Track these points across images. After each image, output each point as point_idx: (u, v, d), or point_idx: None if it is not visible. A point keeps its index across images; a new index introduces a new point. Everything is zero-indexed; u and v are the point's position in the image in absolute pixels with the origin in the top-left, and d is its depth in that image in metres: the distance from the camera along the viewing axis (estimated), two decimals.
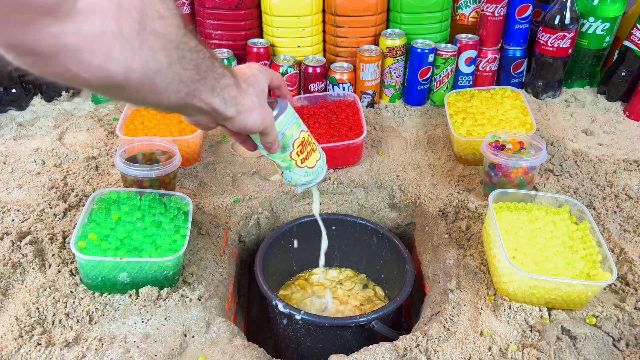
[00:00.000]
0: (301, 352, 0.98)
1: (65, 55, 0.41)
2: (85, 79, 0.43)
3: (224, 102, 0.59)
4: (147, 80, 0.47)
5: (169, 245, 0.85)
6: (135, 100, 0.52)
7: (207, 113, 0.59)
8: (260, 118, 0.64)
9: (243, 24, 1.35)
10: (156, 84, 0.49)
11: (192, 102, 0.55)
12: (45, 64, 0.42)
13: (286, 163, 0.76)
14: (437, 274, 0.97)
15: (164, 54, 0.47)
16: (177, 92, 0.52)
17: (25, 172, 1.12)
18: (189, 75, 0.52)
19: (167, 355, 0.77)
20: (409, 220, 1.18)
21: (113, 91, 0.48)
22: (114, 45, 0.43)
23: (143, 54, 0.45)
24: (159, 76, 0.48)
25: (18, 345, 0.75)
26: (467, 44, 1.34)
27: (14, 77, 1.31)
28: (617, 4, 1.30)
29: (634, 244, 0.96)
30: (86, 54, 0.41)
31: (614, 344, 0.79)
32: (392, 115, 1.37)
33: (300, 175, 0.78)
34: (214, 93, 0.57)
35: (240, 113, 0.62)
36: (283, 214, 1.17)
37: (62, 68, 0.42)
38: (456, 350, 0.78)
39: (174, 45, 0.48)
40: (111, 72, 0.44)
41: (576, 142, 1.24)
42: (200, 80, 0.54)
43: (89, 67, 0.42)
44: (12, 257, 0.88)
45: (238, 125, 0.63)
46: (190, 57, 0.51)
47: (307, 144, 0.77)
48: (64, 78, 0.44)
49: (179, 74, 0.50)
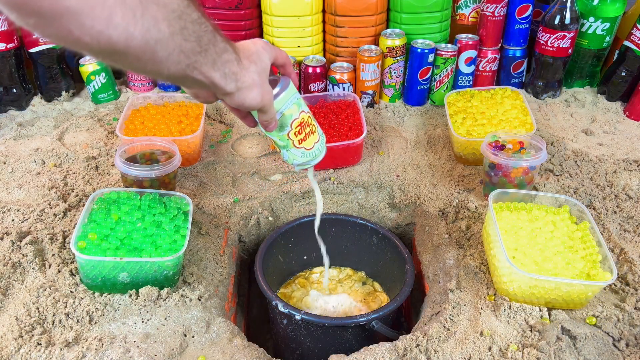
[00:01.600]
0: (301, 352, 0.98)
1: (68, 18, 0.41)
2: (87, 43, 0.44)
3: (224, 77, 0.59)
4: (148, 49, 0.48)
5: (169, 245, 0.85)
6: (135, 68, 0.52)
7: (206, 86, 0.59)
8: (259, 96, 0.64)
9: (243, 24, 1.35)
10: (157, 53, 0.49)
11: (192, 74, 0.55)
12: (48, 25, 0.42)
13: (283, 142, 0.76)
14: (437, 274, 0.97)
15: (166, 23, 0.48)
16: (178, 62, 0.52)
17: (25, 172, 1.12)
18: (190, 47, 0.52)
19: (167, 355, 0.77)
20: (409, 220, 1.18)
21: (114, 57, 0.48)
22: (116, 11, 0.43)
23: (145, 22, 0.46)
24: (159, 45, 0.48)
25: (18, 345, 0.75)
26: (467, 44, 1.34)
27: (14, 77, 1.31)
28: (617, 4, 1.30)
29: (634, 244, 0.96)
30: (88, 18, 0.42)
31: (614, 344, 0.79)
32: (392, 115, 1.37)
33: (297, 156, 0.78)
34: (214, 67, 0.57)
35: (240, 90, 0.62)
36: (283, 214, 1.17)
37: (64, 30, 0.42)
38: (456, 350, 0.78)
39: (176, 15, 0.49)
40: (112, 38, 0.44)
41: (576, 142, 1.24)
42: (201, 53, 0.54)
43: (90, 32, 0.43)
44: (12, 257, 0.88)
45: (236, 101, 0.63)
46: (192, 28, 0.51)
47: (307, 125, 0.77)
48: (66, 40, 0.44)
49: (180, 44, 0.51)
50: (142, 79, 1.41)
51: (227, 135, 1.28)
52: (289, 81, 0.73)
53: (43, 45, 1.29)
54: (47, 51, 1.30)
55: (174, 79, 0.56)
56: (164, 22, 0.48)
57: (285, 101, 0.72)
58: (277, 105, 0.71)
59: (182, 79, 0.57)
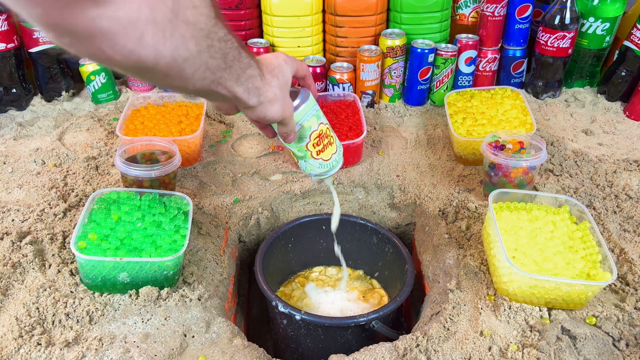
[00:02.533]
0: (301, 352, 0.98)
1: (101, 37, 0.43)
2: (117, 61, 0.46)
3: (247, 91, 0.61)
4: (175, 66, 0.49)
5: (169, 245, 0.85)
6: (163, 83, 0.53)
7: (229, 100, 0.61)
8: (281, 109, 0.66)
9: (243, 24, 1.35)
10: (184, 70, 0.50)
11: (217, 89, 0.57)
12: (81, 44, 0.43)
13: (302, 153, 0.77)
14: (437, 274, 0.97)
15: (194, 42, 0.49)
16: (203, 79, 0.53)
17: (25, 172, 1.12)
18: (215, 64, 0.54)
19: (167, 355, 0.77)
20: (409, 220, 1.18)
21: (143, 73, 0.50)
22: (147, 31, 0.44)
23: (173, 41, 0.47)
24: (187, 63, 0.50)
25: (18, 345, 0.75)
26: (467, 44, 1.34)
27: (14, 77, 1.31)
28: (617, 4, 1.30)
29: (634, 244, 0.96)
30: (120, 38, 0.43)
31: (614, 344, 0.79)
32: (392, 115, 1.37)
33: (315, 167, 0.80)
34: (238, 82, 0.58)
35: (262, 104, 0.64)
36: (283, 214, 1.17)
37: (96, 49, 0.44)
38: (456, 350, 0.78)
39: (203, 34, 0.50)
40: (142, 57, 0.46)
41: (576, 142, 1.24)
42: (226, 69, 0.56)
43: (122, 50, 0.44)
44: (12, 257, 0.88)
45: (258, 114, 0.65)
46: (218, 46, 0.53)
47: (325, 136, 0.78)
48: (97, 58, 0.46)
49: (206, 61, 0.52)
50: None
51: (227, 135, 1.28)
52: (308, 93, 0.74)
53: (43, 45, 1.29)
54: (47, 51, 1.30)
55: (198, 93, 0.58)
56: (192, 41, 0.49)
57: (304, 113, 0.73)
58: (297, 117, 0.72)
59: (206, 94, 0.58)
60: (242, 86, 0.59)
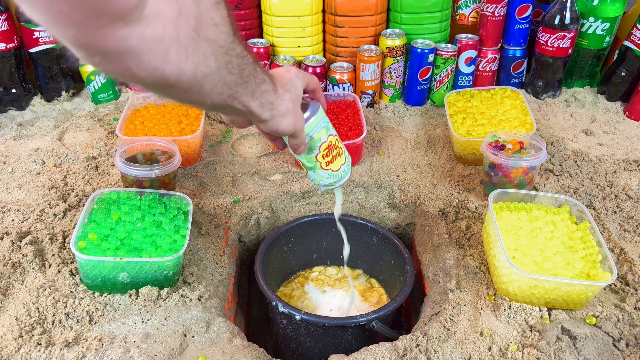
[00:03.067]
0: (301, 352, 0.98)
1: (129, 56, 0.44)
2: (141, 78, 0.47)
3: (261, 106, 0.62)
4: (196, 83, 0.50)
5: (169, 245, 0.85)
6: (181, 99, 0.55)
7: (244, 114, 0.63)
8: (293, 123, 0.68)
9: (243, 24, 1.35)
10: (204, 86, 0.52)
11: (232, 103, 0.58)
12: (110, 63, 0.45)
13: (311, 164, 0.79)
14: (437, 274, 0.97)
15: (214, 59, 0.51)
16: (221, 94, 0.55)
17: (25, 172, 1.12)
18: (233, 79, 0.55)
19: (167, 355, 0.77)
20: (409, 220, 1.18)
21: (164, 90, 0.51)
22: (171, 48, 0.46)
23: (195, 58, 0.48)
24: (207, 79, 0.51)
25: (18, 345, 0.75)
26: (467, 44, 1.34)
27: (14, 77, 1.31)
28: (617, 4, 1.30)
29: (634, 244, 0.96)
30: (146, 56, 0.45)
31: (614, 344, 0.79)
32: (392, 115, 1.37)
33: (324, 177, 0.81)
34: (253, 97, 0.60)
35: (275, 117, 0.65)
36: (283, 214, 1.17)
37: (123, 67, 0.45)
38: (456, 350, 0.78)
39: (223, 51, 0.52)
40: (165, 73, 0.47)
41: (576, 142, 1.24)
42: (242, 84, 0.57)
43: (147, 68, 0.46)
44: (12, 257, 0.88)
45: (270, 128, 0.67)
46: (236, 62, 0.54)
47: (334, 147, 0.80)
48: (123, 76, 0.47)
49: (224, 77, 0.54)
50: None
51: (227, 135, 1.28)
52: (318, 106, 0.76)
53: (43, 45, 1.29)
54: (47, 51, 1.30)
55: (214, 107, 0.59)
56: (212, 58, 0.50)
57: (314, 125, 0.75)
58: (307, 129, 0.74)
59: (222, 108, 0.60)
60: (257, 101, 0.61)
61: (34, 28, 1.26)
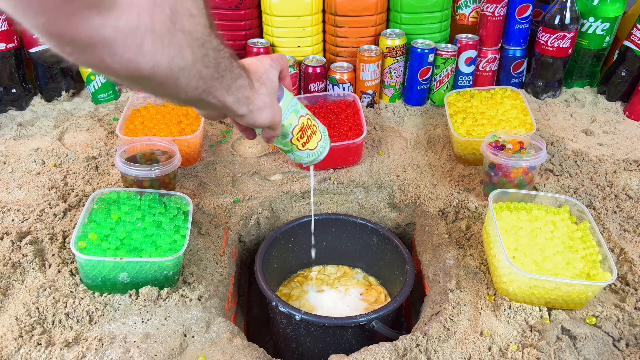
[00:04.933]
0: (301, 352, 0.98)
1: (102, 47, 0.43)
2: (115, 70, 0.45)
3: (237, 101, 0.61)
4: (171, 75, 0.49)
5: (169, 245, 0.85)
6: (156, 92, 0.53)
7: (219, 109, 0.61)
8: (270, 116, 0.67)
9: (243, 24, 1.35)
10: (179, 79, 0.50)
11: (207, 98, 0.57)
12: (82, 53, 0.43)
13: (287, 147, 0.79)
14: (437, 274, 0.97)
15: (190, 51, 0.49)
16: (196, 88, 0.54)
17: (25, 172, 1.12)
18: (209, 73, 0.54)
19: (167, 355, 0.77)
20: (409, 220, 1.18)
21: (139, 82, 0.49)
22: (146, 39, 0.44)
23: (171, 50, 0.47)
24: (182, 72, 0.50)
25: (18, 345, 0.75)
26: (467, 44, 1.34)
27: (14, 77, 1.31)
28: (617, 4, 1.30)
29: (634, 244, 0.96)
30: (120, 47, 0.43)
31: (614, 344, 0.79)
32: (392, 115, 1.37)
33: (303, 157, 0.81)
34: (229, 92, 0.59)
35: (252, 112, 0.64)
36: (283, 214, 1.17)
37: (97, 59, 0.44)
38: (456, 350, 0.78)
39: (199, 43, 0.50)
40: (140, 65, 0.46)
41: (576, 142, 1.24)
42: (218, 79, 0.56)
43: (121, 60, 0.44)
44: (12, 257, 0.88)
45: (247, 121, 0.66)
46: (212, 55, 0.53)
47: (307, 127, 0.78)
48: (97, 67, 0.46)
49: (200, 71, 0.52)
50: None
51: (227, 135, 1.28)
52: (283, 90, 0.73)
53: (43, 45, 1.29)
54: (48, 51, 1.30)
55: (189, 102, 0.58)
56: (188, 50, 0.49)
57: (284, 112, 0.73)
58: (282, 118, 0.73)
59: (196, 102, 0.59)
60: (233, 96, 0.60)
61: None
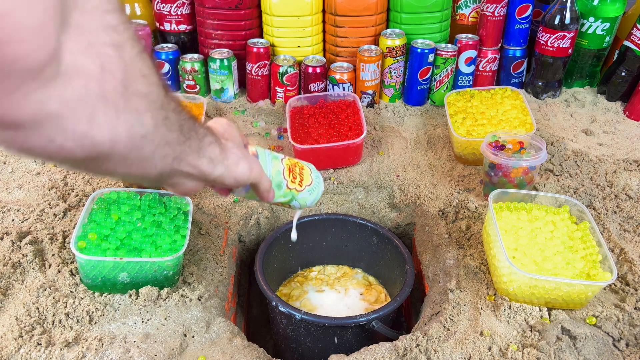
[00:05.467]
0: (301, 352, 0.98)
1: (50, 124, 0.37)
2: (70, 150, 0.40)
3: (211, 162, 0.56)
4: (133, 146, 0.44)
5: (169, 245, 0.85)
6: (119, 171, 0.46)
7: (195, 177, 0.56)
8: (248, 167, 0.62)
9: (243, 24, 1.35)
10: (143, 149, 0.45)
11: (180, 167, 0.51)
12: (27, 136, 0.37)
13: (288, 196, 0.73)
14: (437, 274, 0.97)
15: (149, 115, 0.44)
16: (164, 156, 0.48)
17: (25, 172, 1.12)
18: (174, 137, 0.49)
19: (167, 355, 0.77)
20: (409, 220, 1.18)
21: (97, 162, 0.43)
22: (98, 108, 0.39)
23: (127, 116, 0.42)
24: (145, 140, 0.45)
25: (18, 345, 0.75)
26: (467, 44, 1.34)
27: None
28: (617, 4, 1.30)
29: (634, 244, 0.96)
30: (70, 121, 0.38)
31: (614, 344, 0.79)
32: (392, 115, 1.37)
33: (307, 197, 0.76)
34: (200, 154, 0.54)
35: (228, 168, 0.59)
36: (283, 214, 1.17)
37: (45, 140, 0.38)
38: (456, 350, 0.78)
39: (157, 105, 0.45)
40: (95, 138, 0.40)
41: (576, 142, 1.24)
42: (185, 142, 0.51)
43: (73, 135, 0.39)
44: (12, 257, 0.88)
45: (228, 181, 0.60)
46: (174, 117, 0.48)
47: (293, 166, 0.74)
48: (45, 152, 0.39)
49: (165, 136, 0.47)
50: None
51: None
52: (251, 146, 0.69)
53: None
54: None
55: (160, 176, 0.52)
56: (147, 114, 0.44)
57: (265, 162, 0.69)
58: (266, 172, 0.68)
59: (169, 175, 0.52)
60: (205, 157, 0.55)
61: None
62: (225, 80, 1.35)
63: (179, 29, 1.40)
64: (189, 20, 1.40)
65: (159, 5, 1.37)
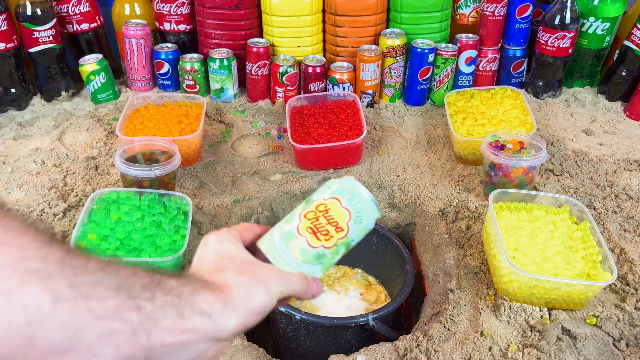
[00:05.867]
0: (301, 352, 0.98)
1: None
2: None
3: (206, 315, 0.39)
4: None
5: (169, 246, 0.85)
6: None
7: (199, 342, 0.39)
8: (264, 291, 0.44)
9: (243, 23, 1.35)
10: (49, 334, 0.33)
11: (154, 340, 0.36)
12: None
13: (338, 252, 0.55)
14: (437, 274, 0.97)
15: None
16: (110, 334, 0.35)
17: (25, 172, 1.12)
18: (114, 304, 0.35)
19: None
20: (409, 220, 1.18)
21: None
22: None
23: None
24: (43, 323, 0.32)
25: None
26: (467, 44, 1.34)
27: (14, 77, 1.31)
28: (617, 4, 1.30)
29: (634, 244, 0.96)
30: None
31: (614, 344, 0.78)
32: (392, 115, 1.37)
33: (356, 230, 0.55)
34: (181, 312, 0.38)
35: (240, 308, 0.42)
36: (283, 214, 1.17)
37: None
38: (456, 350, 0.78)
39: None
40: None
41: (576, 142, 1.24)
42: (143, 305, 0.36)
43: None
44: None
45: (251, 322, 0.43)
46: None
47: (316, 212, 0.52)
48: None
49: (92, 308, 0.34)
50: (141, 78, 1.40)
51: (227, 135, 1.28)
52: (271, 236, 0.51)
53: (43, 45, 1.29)
54: (47, 51, 1.30)
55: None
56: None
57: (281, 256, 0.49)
58: (288, 267, 0.49)
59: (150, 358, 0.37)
60: (195, 313, 0.39)
61: (33, 28, 1.26)
62: (225, 80, 1.35)
63: (178, 29, 1.40)
64: (189, 20, 1.40)
65: (158, 5, 1.37)
